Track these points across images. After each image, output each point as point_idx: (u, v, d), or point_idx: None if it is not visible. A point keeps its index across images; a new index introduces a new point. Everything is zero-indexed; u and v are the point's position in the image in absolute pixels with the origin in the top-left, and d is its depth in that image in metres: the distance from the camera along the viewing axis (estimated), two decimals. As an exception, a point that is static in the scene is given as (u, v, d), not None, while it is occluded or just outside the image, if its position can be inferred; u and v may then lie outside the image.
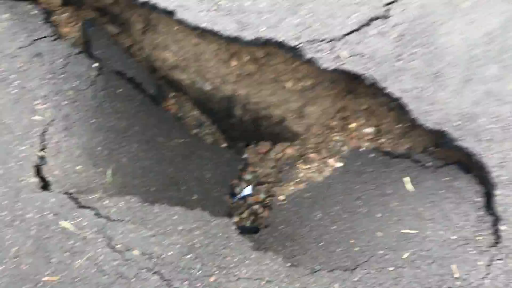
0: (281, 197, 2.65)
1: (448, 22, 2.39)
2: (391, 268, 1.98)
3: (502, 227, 2.00)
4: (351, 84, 2.57)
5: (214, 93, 2.98)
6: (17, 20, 2.54)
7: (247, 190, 2.99)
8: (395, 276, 1.94)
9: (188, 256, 1.98)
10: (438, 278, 1.92)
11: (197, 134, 3.18)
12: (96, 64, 2.65)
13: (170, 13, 2.33)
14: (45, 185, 2.17)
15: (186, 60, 2.79)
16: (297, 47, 2.22)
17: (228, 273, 1.95)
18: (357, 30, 2.29)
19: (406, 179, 2.33)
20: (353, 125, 2.67)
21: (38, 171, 2.20)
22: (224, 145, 3.31)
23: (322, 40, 2.24)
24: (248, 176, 3.14)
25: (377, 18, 2.36)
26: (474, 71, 2.30)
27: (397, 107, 2.31)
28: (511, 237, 1.95)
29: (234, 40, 2.29)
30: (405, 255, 2.01)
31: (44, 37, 2.55)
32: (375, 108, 2.60)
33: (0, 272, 1.89)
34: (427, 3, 2.44)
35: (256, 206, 2.88)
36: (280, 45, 2.26)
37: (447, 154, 2.33)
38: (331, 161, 2.63)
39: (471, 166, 2.21)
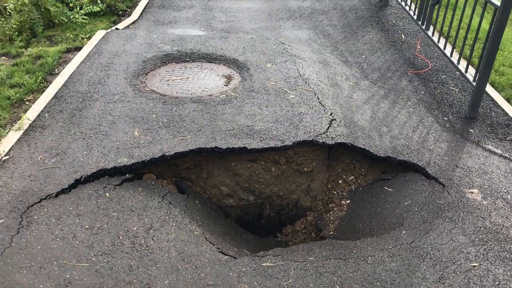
0: (331, 232, 4.39)
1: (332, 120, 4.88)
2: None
3: (441, 180, 4.26)
4: (330, 160, 4.72)
5: (253, 203, 4.69)
6: (147, 189, 3.96)
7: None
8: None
9: None
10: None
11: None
12: (197, 201, 4.18)
13: (244, 148, 4.18)
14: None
15: (238, 184, 4.51)
16: (312, 139, 4.33)
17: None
18: (326, 130, 4.56)
19: (386, 187, 4.46)
20: (340, 181, 4.75)
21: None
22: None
23: (319, 135, 4.42)
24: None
25: (331, 121, 4.70)
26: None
27: (361, 154, 4.52)
28: (448, 178, 4.22)
29: (281, 149, 4.26)
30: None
31: (168, 193, 4.00)
32: (346, 168, 4.76)
33: None
34: (354, 120, 4.91)
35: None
36: (302, 143, 4.33)
37: (394, 168, 4.59)
38: (343, 202, 4.58)
39: (409, 167, 4.49)
